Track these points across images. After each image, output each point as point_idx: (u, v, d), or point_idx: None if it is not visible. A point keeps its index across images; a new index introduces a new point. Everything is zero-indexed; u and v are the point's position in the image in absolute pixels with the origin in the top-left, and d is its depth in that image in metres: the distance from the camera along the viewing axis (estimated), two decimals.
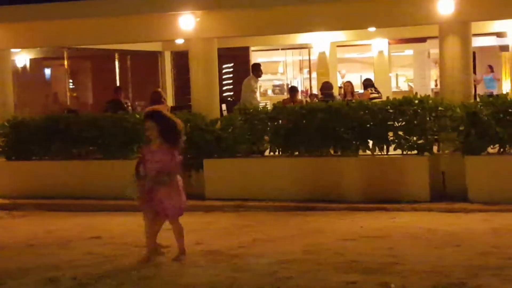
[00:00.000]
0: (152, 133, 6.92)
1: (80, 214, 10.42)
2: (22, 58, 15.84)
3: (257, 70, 13.91)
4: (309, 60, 18.69)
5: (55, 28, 11.91)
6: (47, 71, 17.54)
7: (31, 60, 16.14)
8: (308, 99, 16.37)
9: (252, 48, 17.23)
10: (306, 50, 18.44)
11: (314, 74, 18.47)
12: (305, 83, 20.27)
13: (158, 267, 7.01)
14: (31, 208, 10.91)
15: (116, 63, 16.28)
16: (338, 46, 17.52)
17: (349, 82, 15.94)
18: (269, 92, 21.59)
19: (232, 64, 17.10)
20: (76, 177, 11.42)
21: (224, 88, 16.53)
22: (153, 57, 16.63)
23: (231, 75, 17.24)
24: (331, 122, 10.40)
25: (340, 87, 17.08)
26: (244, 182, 10.66)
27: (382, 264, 6.79)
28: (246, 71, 15.97)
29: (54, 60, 16.57)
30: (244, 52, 16.84)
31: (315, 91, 17.48)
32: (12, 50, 13.29)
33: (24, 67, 16.08)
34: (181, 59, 15.14)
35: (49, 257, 7.67)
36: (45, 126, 11.74)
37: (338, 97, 14.44)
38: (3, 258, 7.73)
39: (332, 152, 10.65)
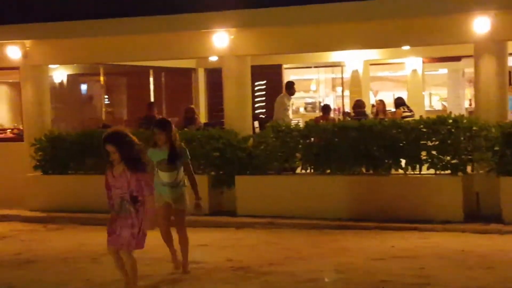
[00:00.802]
0: (114, 158, 6.20)
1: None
2: (59, 74, 16.13)
3: (290, 88, 13.96)
4: (342, 78, 18.66)
5: (92, 45, 12.13)
6: (83, 87, 17.83)
7: (68, 76, 16.43)
8: (340, 117, 16.35)
9: (284, 66, 17.28)
10: (339, 68, 18.41)
11: (346, 92, 18.44)
12: (338, 101, 20.22)
13: (188, 284, 7.04)
14: (65, 221, 11.06)
15: (151, 79, 16.48)
16: (371, 64, 17.47)
17: (381, 100, 15.88)
18: (301, 109, 21.59)
19: (264, 82, 17.17)
20: None
21: (257, 105, 16.60)
22: (187, 74, 16.78)
23: (263, 93, 17.29)
24: (364, 140, 10.38)
25: (372, 106, 17.03)
26: (275, 199, 10.68)
27: (412, 285, 6.74)
28: (279, 88, 16.02)
29: (91, 76, 16.84)
30: (276, 70, 16.88)
31: (347, 109, 17.44)
32: (50, 66, 13.54)
33: (61, 83, 16.36)
34: (214, 76, 15.27)
35: (82, 271, 7.77)
36: (80, 141, 11.92)
37: (371, 116, 14.39)
38: (38, 270, 7.84)
39: (364, 170, 10.61)
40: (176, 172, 7.37)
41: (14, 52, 12.31)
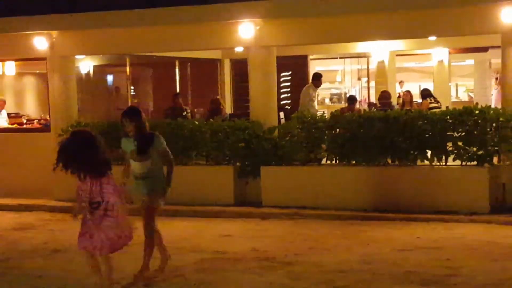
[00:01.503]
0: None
1: (139, 218, 10.57)
2: (86, 64, 16.26)
3: (317, 79, 13.96)
4: (368, 69, 18.58)
5: (118, 36, 12.20)
6: (110, 78, 17.95)
7: (94, 66, 16.55)
8: (366, 108, 16.28)
9: (310, 57, 17.23)
10: (365, 59, 18.33)
11: (372, 83, 18.36)
12: (363, 92, 20.15)
13: (214, 273, 7.09)
14: None
15: (177, 70, 16.54)
16: (397, 55, 17.36)
17: (408, 91, 15.78)
18: (327, 100, 21.56)
19: (290, 73, 17.14)
20: None
21: (282, 96, 16.58)
22: (213, 65, 16.81)
23: (288, 84, 17.26)
24: (389, 132, 10.34)
25: (398, 97, 16.93)
26: (300, 190, 10.69)
27: (439, 276, 6.72)
28: (304, 79, 15.99)
29: (117, 67, 16.95)
30: (302, 61, 16.84)
31: (373, 100, 17.36)
32: (77, 57, 13.66)
33: (87, 74, 16.50)
34: (240, 67, 15.27)
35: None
36: (106, 132, 11.99)
37: (397, 107, 14.31)
38: (65, 260, 7.94)
39: (389, 161, 10.58)
40: (148, 162, 6.90)
41: (41, 43, 12.43)
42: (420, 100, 15.34)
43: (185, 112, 14.01)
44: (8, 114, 14.85)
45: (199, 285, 6.62)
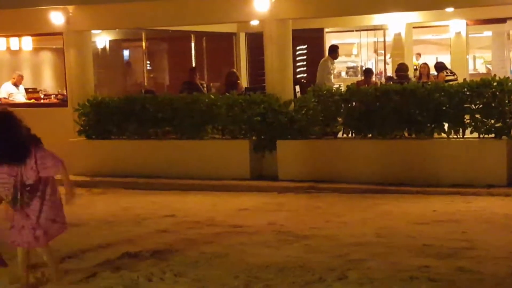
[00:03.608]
0: None
1: (155, 192, 10.69)
2: (102, 39, 16.26)
3: (334, 51, 13.86)
4: (384, 41, 18.40)
5: (134, 10, 12.16)
6: (126, 53, 17.96)
7: (110, 41, 16.56)
8: (382, 81, 16.15)
9: (326, 30, 17.09)
10: (381, 31, 18.15)
11: (389, 56, 18.20)
12: (380, 65, 19.99)
13: (230, 247, 7.13)
14: (108, 185, 11.24)
15: (192, 44, 16.49)
16: (414, 27, 17.16)
17: (425, 63, 15.63)
18: (343, 74, 21.42)
19: (306, 46, 17.03)
20: (151, 156, 11.69)
21: (298, 69, 16.50)
22: (228, 39, 16.74)
23: (304, 57, 17.17)
24: (406, 104, 10.27)
25: (415, 69, 16.77)
26: (316, 163, 10.68)
27: (455, 249, 6.71)
28: (320, 52, 15.89)
29: (133, 41, 16.94)
30: (318, 34, 16.72)
31: (389, 73, 17.22)
32: (93, 31, 13.66)
33: (104, 49, 16.51)
34: (255, 40, 15.18)
35: (126, 234, 7.92)
36: (123, 106, 12.05)
37: (414, 79, 14.20)
38: (83, 234, 8.01)
39: (406, 134, 10.53)
40: None
41: (57, 18, 12.44)
42: (435, 73, 15.22)
43: (200, 87, 14.00)
44: (26, 90, 14.93)
45: (215, 258, 6.66)
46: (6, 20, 12.80)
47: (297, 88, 13.20)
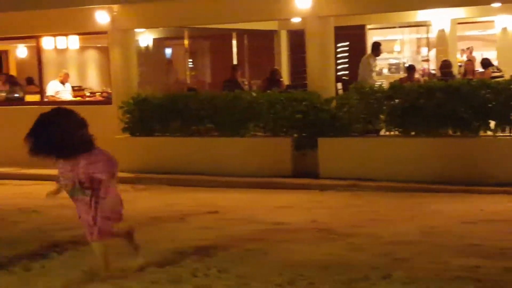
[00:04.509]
0: None
1: (197, 189, 10.76)
2: (145, 38, 16.44)
3: (376, 49, 13.77)
4: (427, 38, 18.16)
5: (177, 9, 12.26)
6: (168, 51, 18.11)
7: (154, 40, 16.72)
8: (426, 78, 15.95)
9: (368, 27, 16.96)
10: (425, 27, 17.91)
11: (432, 53, 17.95)
12: (423, 62, 19.73)
13: (272, 244, 7.13)
14: (152, 182, 11.36)
15: (234, 42, 16.54)
16: (458, 23, 16.90)
17: (470, 60, 15.39)
18: (385, 71, 21.20)
19: (347, 43, 16.92)
20: (194, 154, 11.77)
21: (339, 67, 16.41)
22: (269, 36, 16.75)
23: (346, 54, 17.06)
24: (450, 102, 10.12)
25: (459, 66, 16.52)
26: (358, 161, 10.61)
27: (504, 249, 6.59)
28: (362, 49, 15.77)
29: (175, 40, 17.07)
30: (360, 31, 16.60)
31: (433, 70, 16.99)
32: (137, 30, 13.81)
33: (147, 47, 16.68)
34: (297, 38, 15.15)
35: (170, 230, 8.00)
36: (165, 104, 12.15)
37: (458, 76, 13.99)
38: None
39: (451, 132, 10.38)
40: None
41: (102, 17, 12.62)
42: (481, 69, 14.97)
43: (242, 84, 14.04)
44: (72, 88, 15.18)
45: (258, 255, 6.67)
46: (53, 19, 13.06)
47: (339, 85, 13.14)
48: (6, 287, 5.92)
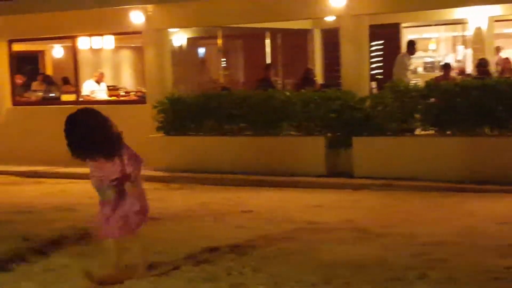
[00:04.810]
0: None
1: (231, 188, 10.77)
2: (179, 37, 16.53)
3: (411, 47, 13.66)
4: (464, 36, 17.93)
5: (210, 9, 12.31)
6: (202, 50, 18.18)
7: (188, 39, 16.80)
8: (461, 76, 15.74)
9: (403, 25, 16.81)
10: (461, 25, 17.68)
11: (469, 51, 17.72)
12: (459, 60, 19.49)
13: (307, 243, 7.11)
14: (185, 181, 11.41)
15: (267, 41, 16.54)
16: (496, 20, 16.66)
17: (507, 58, 15.16)
18: (419, 69, 20.99)
19: (382, 42, 16.79)
20: (227, 153, 11.80)
21: (374, 65, 16.29)
22: (303, 35, 16.70)
23: (380, 53, 16.93)
24: (487, 100, 9.98)
25: (496, 64, 16.27)
26: (393, 161, 10.52)
27: None
28: (396, 48, 15.63)
29: (209, 39, 17.13)
30: (394, 29, 16.46)
31: (469, 68, 16.77)
32: (171, 30, 13.90)
33: (181, 46, 16.78)
34: (330, 36, 15.08)
35: (204, 229, 8.02)
36: (199, 103, 12.21)
37: (495, 75, 13.78)
38: (161, 228, 8.13)
39: (487, 131, 10.23)
40: None
41: (137, 17, 12.73)
42: None
43: (275, 84, 14.03)
44: (107, 87, 15.34)
45: (292, 254, 6.66)
46: (89, 20, 13.22)
47: (373, 84, 13.05)
48: (44, 284, 6.00)
